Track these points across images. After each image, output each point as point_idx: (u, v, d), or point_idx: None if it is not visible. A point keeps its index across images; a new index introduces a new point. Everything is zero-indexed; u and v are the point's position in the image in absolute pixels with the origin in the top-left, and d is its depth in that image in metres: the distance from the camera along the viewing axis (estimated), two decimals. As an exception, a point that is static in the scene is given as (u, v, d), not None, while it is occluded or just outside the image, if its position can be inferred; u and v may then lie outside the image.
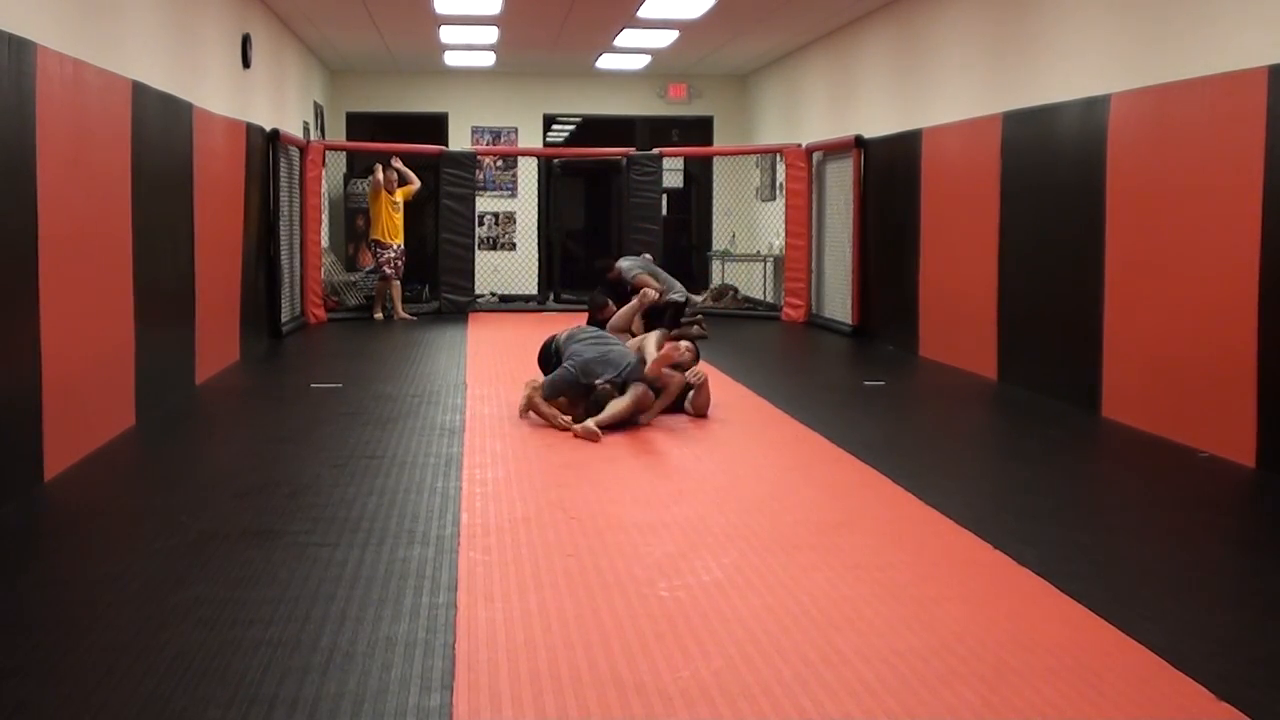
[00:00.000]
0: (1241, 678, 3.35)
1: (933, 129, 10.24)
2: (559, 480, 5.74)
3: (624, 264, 11.81)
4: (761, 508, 5.25)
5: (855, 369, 10.27)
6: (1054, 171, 8.00)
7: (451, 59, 15.65)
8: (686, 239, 17.73)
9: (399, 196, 13.79)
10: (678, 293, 11.48)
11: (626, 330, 8.41)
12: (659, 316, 9.37)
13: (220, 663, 3.42)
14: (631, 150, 15.33)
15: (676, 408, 7.34)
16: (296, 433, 6.95)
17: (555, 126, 18.10)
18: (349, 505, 5.21)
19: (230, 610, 3.86)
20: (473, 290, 14.72)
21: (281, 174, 11.79)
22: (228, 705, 3.13)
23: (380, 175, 13.64)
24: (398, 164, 13.95)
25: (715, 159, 17.03)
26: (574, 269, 16.31)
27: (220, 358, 9.26)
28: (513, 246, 17.24)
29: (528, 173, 16.98)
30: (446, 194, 14.48)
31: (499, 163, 17.26)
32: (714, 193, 17.47)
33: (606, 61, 15.78)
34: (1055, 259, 8.00)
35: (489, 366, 9.78)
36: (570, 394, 7.06)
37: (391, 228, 13.71)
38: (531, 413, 7.16)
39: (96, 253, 6.35)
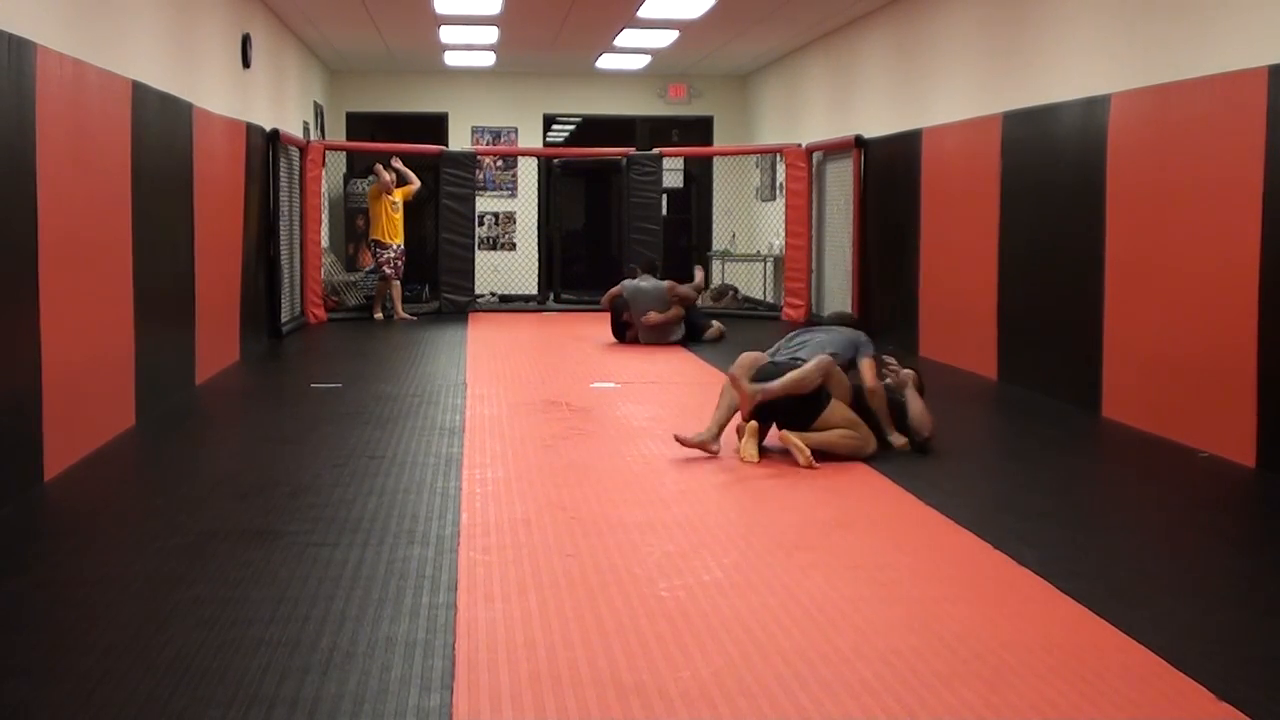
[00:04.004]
0: (1241, 678, 3.35)
1: (933, 129, 10.24)
2: (559, 480, 5.74)
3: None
4: (761, 508, 5.26)
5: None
6: (1054, 171, 8.00)
7: (451, 59, 15.65)
8: (686, 239, 17.73)
9: (398, 196, 13.78)
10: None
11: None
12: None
13: (220, 663, 3.42)
14: (631, 150, 15.33)
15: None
16: (296, 433, 6.95)
17: (555, 126, 18.10)
18: (349, 505, 5.21)
19: (230, 610, 3.86)
20: (473, 290, 14.72)
21: (281, 174, 11.79)
22: (228, 705, 3.13)
23: (386, 175, 13.64)
24: (397, 164, 13.95)
25: (715, 159, 17.03)
26: (574, 269, 16.34)
27: (220, 358, 9.26)
28: (513, 246, 17.24)
29: (528, 173, 16.98)
30: (446, 194, 14.48)
31: (499, 163, 17.25)
32: (714, 193, 17.47)
33: (606, 61, 15.78)
34: (1055, 259, 8.00)
35: (489, 366, 9.79)
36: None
37: (391, 228, 13.70)
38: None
39: (96, 253, 6.35)
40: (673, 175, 17.06)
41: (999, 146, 8.85)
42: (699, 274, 12.64)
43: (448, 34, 13.65)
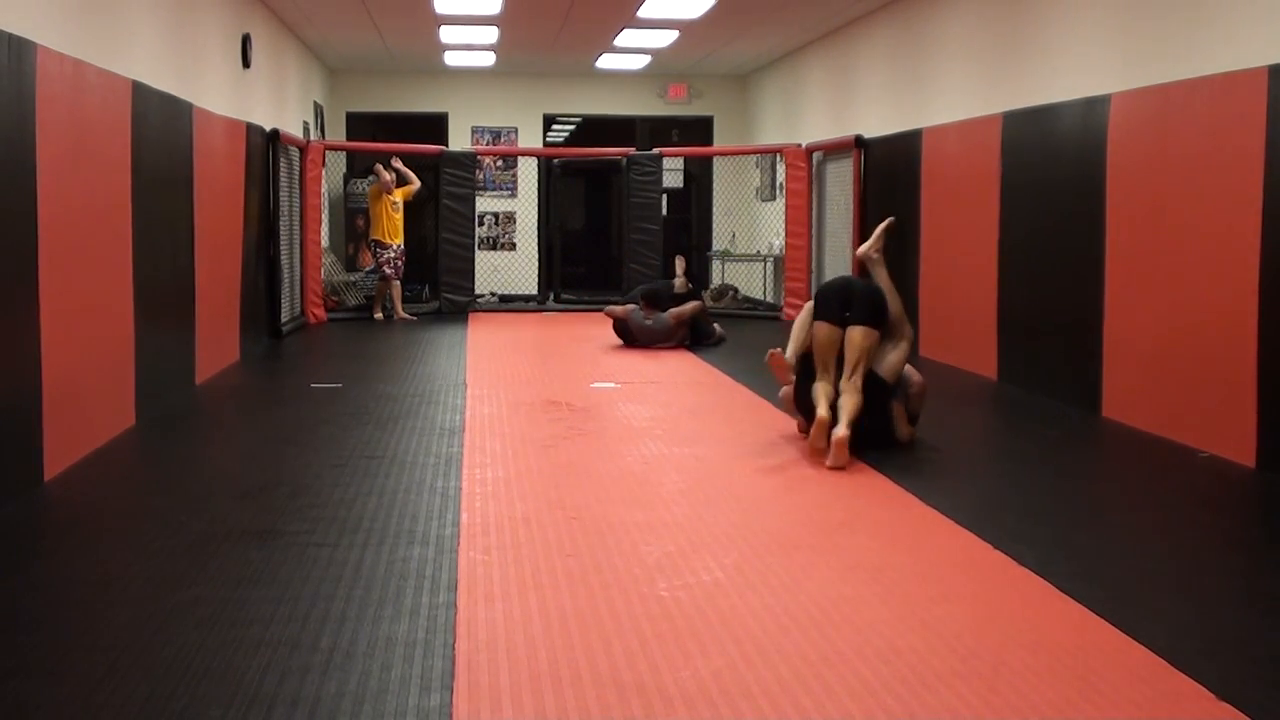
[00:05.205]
0: (1241, 678, 3.35)
1: (933, 129, 10.24)
2: (559, 480, 5.74)
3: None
4: (761, 508, 5.26)
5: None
6: (1054, 171, 8.00)
7: (451, 59, 15.65)
8: (686, 239, 17.73)
9: (398, 196, 13.79)
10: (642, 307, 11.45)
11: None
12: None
13: (220, 663, 3.42)
14: (631, 150, 15.34)
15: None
16: (296, 433, 6.95)
17: (555, 126, 18.11)
18: (349, 505, 5.21)
19: (230, 610, 3.86)
20: (473, 290, 14.72)
21: (281, 174, 11.80)
22: (228, 705, 3.13)
23: (386, 175, 13.64)
24: (397, 164, 13.95)
25: (715, 159, 17.04)
26: (574, 269, 16.35)
27: (220, 358, 9.26)
28: (513, 246, 17.25)
29: (528, 173, 16.98)
30: (446, 194, 14.49)
31: (499, 163, 17.26)
32: (714, 193, 17.47)
33: (606, 61, 15.78)
34: (1055, 259, 8.00)
35: (489, 366, 9.79)
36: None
37: (391, 228, 13.71)
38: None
39: (96, 253, 6.35)
40: (673, 175, 17.06)
41: (999, 146, 8.85)
42: (680, 265, 12.28)
43: (448, 34, 13.65)
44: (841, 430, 5.97)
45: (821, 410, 6.07)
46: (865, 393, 6.22)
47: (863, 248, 7.01)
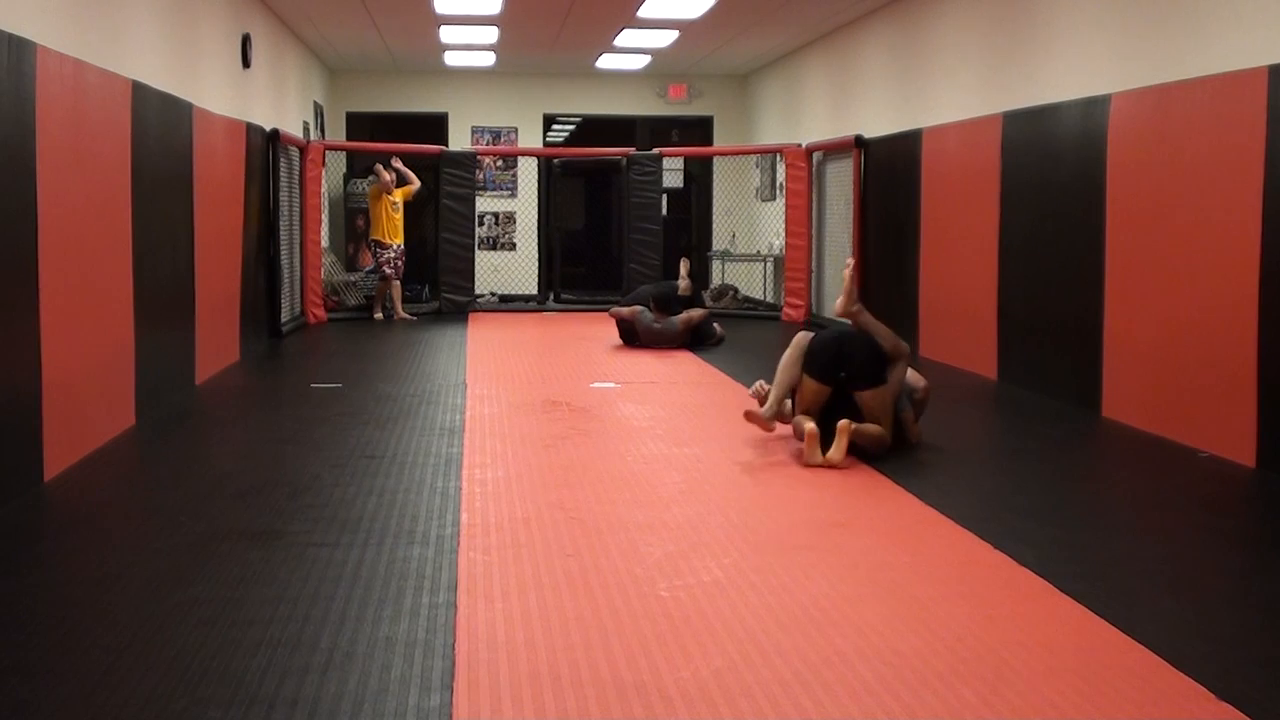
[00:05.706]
0: (1241, 678, 3.35)
1: (933, 129, 10.24)
2: (559, 480, 5.74)
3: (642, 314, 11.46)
4: (761, 508, 5.26)
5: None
6: (1054, 171, 8.00)
7: (451, 59, 15.66)
8: (686, 239, 17.73)
9: (398, 196, 13.79)
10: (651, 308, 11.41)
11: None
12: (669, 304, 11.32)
13: (220, 663, 3.42)
14: (631, 150, 15.34)
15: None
16: (296, 433, 6.95)
17: (555, 126, 18.11)
18: (349, 505, 5.21)
19: (230, 610, 3.86)
20: (473, 290, 14.72)
21: (281, 174, 11.80)
22: (228, 705, 3.13)
23: (386, 175, 13.63)
24: (397, 164, 13.96)
25: (715, 159, 17.03)
26: (574, 269, 16.35)
27: (220, 358, 9.26)
28: (513, 246, 17.25)
29: (528, 173, 16.99)
30: (446, 194, 14.49)
31: (499, 163, 17.26)
32: (714, 193, 17.47)
33: (606, 61, 15.78)
34: (1055, 258, 8.00)
35: (489, 366, 9.78)
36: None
37: (391, 228, 13.71)
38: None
39: (96, 253, 6.35)
40: (673, 175, 17.07)
41: (999, 146, 8.85)
42: (684, 267, 12.32)
43: (448, 34, 13.65)
44: (845, 420, 6.04)
45: (808, 425, 6.10)
46: None
47: (839, 306, 6.69)
